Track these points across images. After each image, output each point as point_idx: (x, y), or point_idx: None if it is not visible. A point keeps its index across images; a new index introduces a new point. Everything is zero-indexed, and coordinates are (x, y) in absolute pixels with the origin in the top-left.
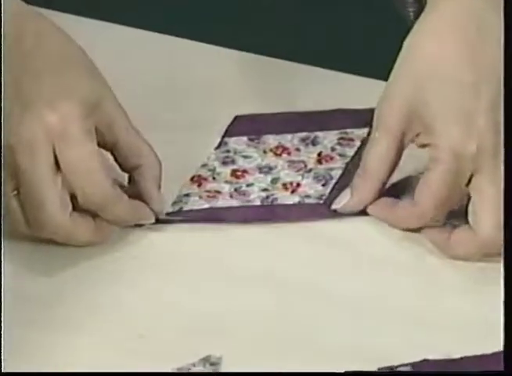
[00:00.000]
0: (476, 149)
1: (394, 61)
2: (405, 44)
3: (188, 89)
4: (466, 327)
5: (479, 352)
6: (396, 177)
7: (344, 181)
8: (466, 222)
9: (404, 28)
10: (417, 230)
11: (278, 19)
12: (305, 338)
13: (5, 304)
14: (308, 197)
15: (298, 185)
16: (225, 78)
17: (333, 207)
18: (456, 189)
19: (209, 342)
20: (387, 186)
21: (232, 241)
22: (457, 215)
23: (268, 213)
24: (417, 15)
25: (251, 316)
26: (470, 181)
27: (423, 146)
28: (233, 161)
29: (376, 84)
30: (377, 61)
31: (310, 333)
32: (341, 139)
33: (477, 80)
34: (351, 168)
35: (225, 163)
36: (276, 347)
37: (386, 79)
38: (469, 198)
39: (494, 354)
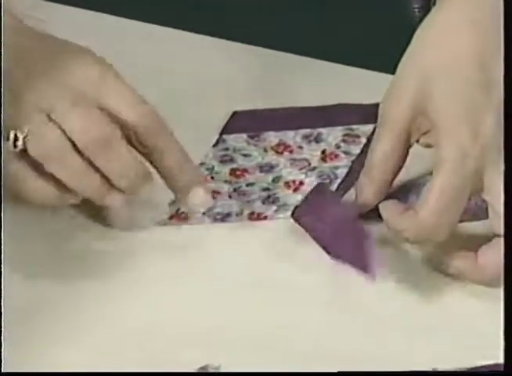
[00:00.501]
0: (482, 149)
1: (401, 55)
2: (415, 37)
3: (183, 83)
4: (468, 334)
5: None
6: (403, 177)
7: (350, 180)
8: None
9: (411, 22)
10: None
11: (280, 10)
12: (306, 343)
13: (6, 304)
14: None
15: (301, 183)
16: (224, 71)
17: None
18: (460, 193)
19: (208, 349)
20: (395, 186)
21: (229, 244)
22: None
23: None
24: (423, 11)
25: (251, 324)
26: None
27: (428, 146)
28: (232, 160)
29: (384, 78)
30: (385, 54)
31: (311, 338)
32: (346, 135)
33: (487, 78)
34: (357, 166)
35: (223, 162)
36: (276, 351)
37: (393, 73)
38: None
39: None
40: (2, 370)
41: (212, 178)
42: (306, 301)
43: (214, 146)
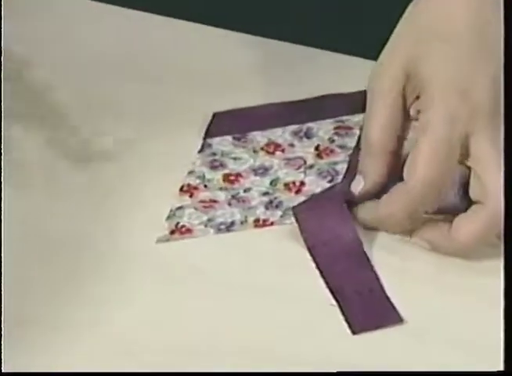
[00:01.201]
0: (470, 113)
1: None
2: (411, 5)
3: (181, 74)
4: (468, 335)
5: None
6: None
7: (351, 176)
8: None
9: None
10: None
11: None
12: (312, 348)
13: (6, 304)
14: None
15: (302, 184)
16: (223, 62)
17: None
18: (450, 158)
19: (201, 358)
20: None
21: (237, 253)
22: None
23: None
24: None
25: (245, 332)
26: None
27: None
28: (222, 165)
29: None
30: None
31: (318, 343)
32: (338, 128)
33: (484, 44)
34: (355, 160)
35: (214, 167)
36: (283, 359)
37: None
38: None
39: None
40: (2, 370)
41: (205, 186)
42: (312, 307)
43: (199, 151)
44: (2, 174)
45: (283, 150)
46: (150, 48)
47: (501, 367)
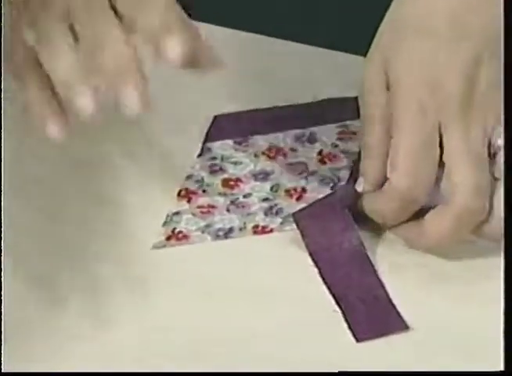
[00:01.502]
0: (440, 104)
1: None
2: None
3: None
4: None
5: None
6: None
7: (353, 181)
8: None
9: None
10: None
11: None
12: (306, 352)
13: (6, 304)
14: None
15: (304, 190)
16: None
17: None
18: (427, 148)
19: (201, 358)
20: None
21: (236, 260)
22: None
23: None
24: None
25: (245, 334)
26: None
27: None
28: (222, 169)
29: None
30: None
31: (312, 349)
32: (342, 133)
33: (458, 35)
34: (358, 165)
35: (213, 172)
36: (275, 361)
37: None
38: None
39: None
40: (2, 370)
41: (204, 191)
42: (314, 312)
43: (199, 156)
44: (2, 174)
45: (284, 155)
46: None
47: (501, 367)
